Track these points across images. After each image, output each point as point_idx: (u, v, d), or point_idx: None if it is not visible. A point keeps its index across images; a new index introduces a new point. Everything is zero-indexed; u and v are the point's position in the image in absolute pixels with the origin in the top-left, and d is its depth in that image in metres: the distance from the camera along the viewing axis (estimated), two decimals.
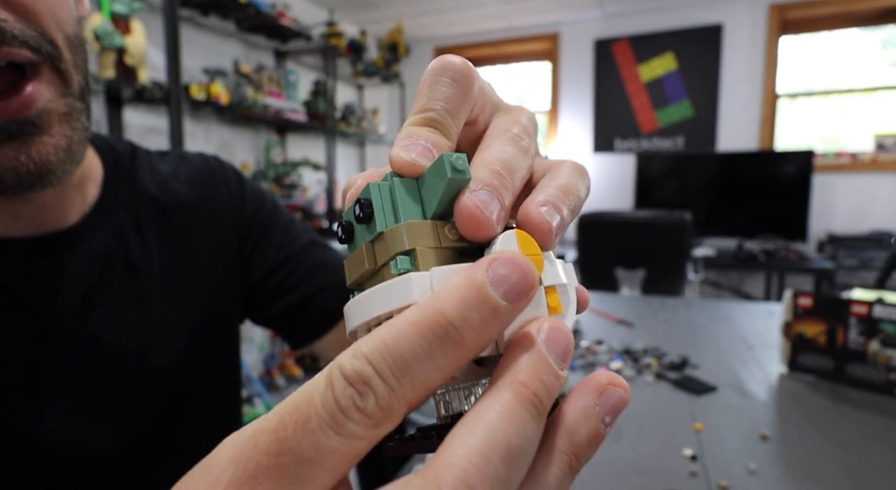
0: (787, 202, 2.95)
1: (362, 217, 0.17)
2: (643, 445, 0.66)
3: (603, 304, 1.48)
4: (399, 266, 0.16)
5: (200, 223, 0.53)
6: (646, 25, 3.45)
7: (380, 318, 0.16)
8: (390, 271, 0.16)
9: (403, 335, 0.13)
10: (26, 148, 0.32)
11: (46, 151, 0.33)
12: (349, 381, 0.13)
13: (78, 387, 0.42)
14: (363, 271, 0.17)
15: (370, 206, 0.17)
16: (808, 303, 0.90)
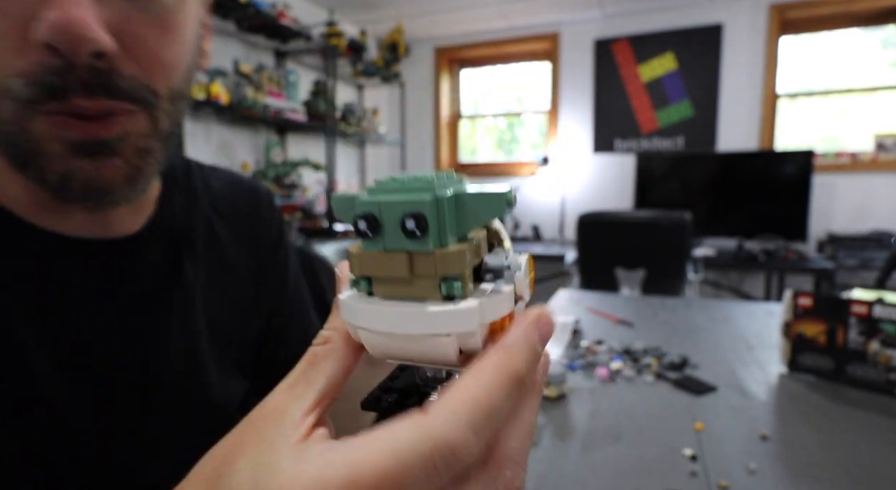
0: (787, 202, 2.95)
1: (416, 232, 0.17)
2: (643, 445, 0.66)
3: (603, 304, 1.48)
4: (450, 290, 0.18)
5: (243, 253, 0.54)
6: (646, 25, 3.45)
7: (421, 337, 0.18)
8: (432, 289, 0.18)
9: (497, 398, 0.16)
10: (99, 166, 0.34)
11: (114, 174, 0.35)
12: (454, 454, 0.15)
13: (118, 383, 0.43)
14: (390, 275, 0.18)
15: (426, 221, 0.17)
16: (808, 303, 0.90)
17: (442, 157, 4.15)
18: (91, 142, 0.33)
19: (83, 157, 0.34)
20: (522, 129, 4.15)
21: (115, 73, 0.32)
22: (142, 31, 0.33)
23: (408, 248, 0.18)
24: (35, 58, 0.30)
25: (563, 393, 0.82)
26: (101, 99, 0.32)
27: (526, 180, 3.61)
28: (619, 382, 0.88)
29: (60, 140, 0.33)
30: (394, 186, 0.18)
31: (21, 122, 0.32)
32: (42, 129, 0.32)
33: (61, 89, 0.31)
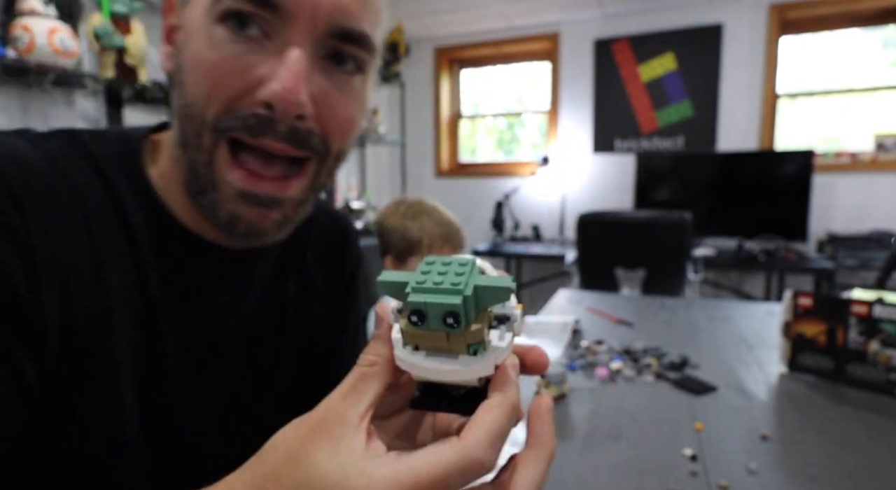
0: (787, 202, 2.95)
1: (453, 324, 0.25)
2: (643, 445, 0.66)
3: (603, 304, 1.48)
4: (474, 350, 0.27)
5: (325, 279, 0.60)
6: (646, 25, 3.45)
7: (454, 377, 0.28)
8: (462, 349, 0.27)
9: (504, 424, 0.25)
10: (263, 216, 0.41)
11: (271, 224, 0.42)
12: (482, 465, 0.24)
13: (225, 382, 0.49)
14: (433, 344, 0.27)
15: (459, 317, 0.25)
16: (808, 303, 0.90)
17: (442, 157, 4.15)
18: (264, 197, 0.41)
19: (253, 206, 0.41)
20: (522, 129, 4.15)
21: (306, 130, 0.40)
22: (333, 103, 0.41)
23: (445, 330, 0.26)
24: (250, 107, 0.38)
25: (563, 393, 0.82)
26: (288, 146, 0.40)
27: (526, 180, 3.61)
28: (619, 382, 0.88)
29: (232, 186, 0.40)
30: (431, 286, 0.26)
31: (211, 149, 0.39)
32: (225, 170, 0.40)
33: (258, 131, 0.39)
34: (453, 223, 1.20)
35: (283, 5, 0.37)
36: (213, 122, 0.39)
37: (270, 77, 0.38)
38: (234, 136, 0.39)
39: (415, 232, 1.16)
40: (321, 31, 0.39)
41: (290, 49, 0.38)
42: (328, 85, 0.41)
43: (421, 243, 1.15)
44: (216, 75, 0.38)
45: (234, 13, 0.37)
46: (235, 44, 0.38)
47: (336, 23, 0.39)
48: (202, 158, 0.40)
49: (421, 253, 1.16)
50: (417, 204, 1.21)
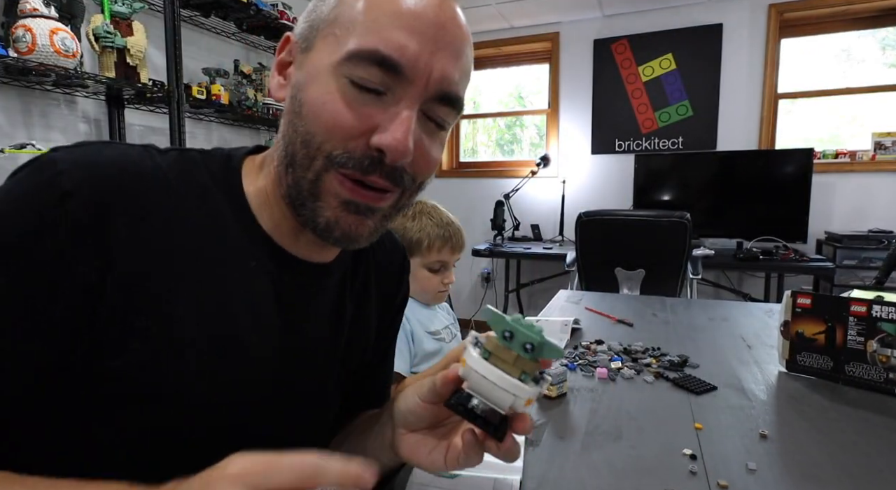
0: (786, 202, 2.95)
1: (528, 350, 0.38)
2: (643, 445, 0.66)
3: (602, 304, 1.48)
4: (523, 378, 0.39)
5: (378, 300, 0.66)
6: (645, 25, 3.45)
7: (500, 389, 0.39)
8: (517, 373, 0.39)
9: None
10: (358, 222, 0.48)
11: (364, 230, 0.49)
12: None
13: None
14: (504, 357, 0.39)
15: (534, 347, 0.38)
16: (808, 302, 0.90)
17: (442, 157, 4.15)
18: (363, 205, 0.48)
19: (351, 213, 0.48)
20: (522, 129, 4.16)
21: (404, 171, 0.48)
22: (425, 150, 0.49)
23: (520, 353, 0.38)
24: (364, 149, 0.45)
25: (562, 392, 0.82)
26: (389, 182, 0.47)
27: (526, 180, 3.61)
28: (619, 382, 0.89)
29: (338, 196, 0.47)
30: (525, 326, 0.38)
31: (320, 172, 0.46)
32: (330, 183, 0.46)
33: (369, 170, 0.46)
34: (454, 224, 1.20)
35: (406, 73, 0.44)
36: (327, 153, 0.45)
37: (386, 128, 0.45)
38: (344, 172, 0.46)
39: (415, 233, 1.15)
40: (430, 96, 0.46)
41: (404, 108, 0.45)
42: (423, 135, 0.48)
43: (421, 244, 1.15)
44: (338, 118, 0.45)
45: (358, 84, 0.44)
46: (359, 95, 0.45)
47: (441, 89, 0.47)
48: (309, 176, 0.47)
49: (421, 254, 1.16)
50: (418, 204, 1.20)
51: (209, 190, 0.50)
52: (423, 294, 1.20)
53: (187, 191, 0.48)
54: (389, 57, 0.43)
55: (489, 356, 0.39)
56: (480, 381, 0.38)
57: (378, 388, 0.72)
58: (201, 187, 0.50)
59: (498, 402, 0.39)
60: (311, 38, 0.47)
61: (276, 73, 0.51)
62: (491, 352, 0.39)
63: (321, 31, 0.47)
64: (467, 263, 3.91)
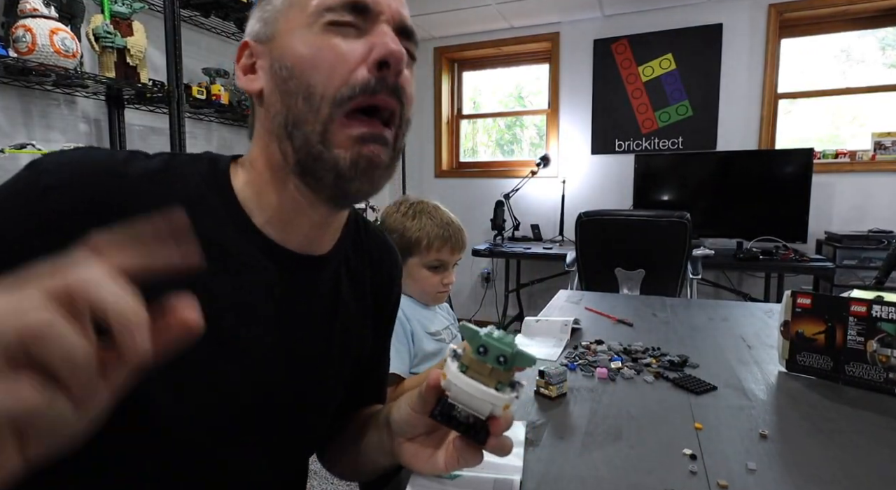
0: (786, 202, 2.95)
1: (503, 363, 0.42)
2: (643, 445, 0.66)
3: (602, 304, 1.48)
4: (500, 388, 0.43)
5: (371, 297, 0.67)
6: (645, 25, 3.45)
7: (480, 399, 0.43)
8: (494, 384, 0.43)
9: None
10: (376, 150, 0.50)
11: (382, 158, 0.51)
12: None
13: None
14: (481, 371, 0.43)
15: (507, 360, 0.42)
16: (807, 302, 0.90)
17: (442, 157, 4.15)
18: (376, 134, 0.50)
19: (369, 143, 0.50)
20: (522, 129, 4.16)
21: (403, 90, 0.51)
22: (406, 75, 0.52)
23: (494, 366, 0.42)
24: (364, 75, 0.48)
25: (562, 392, 0.82)
26: (395, 100, 0.50)
27: (526, 180, 3.61)
28: (619, 382, 0.89)
29: (349, 135, 0.49)
30: (497, 338, 0.42)
31: (326, 120, 0.48)
32: (338, 127, 0.48)
33: (376, 89, 0.49)
34: (454, 223, 1.19)
35: (372, 8, 0.49)
36: (332, 95, 0.48)
37: (376, 45, 0.49)
38: (352, 106, 0.48)
39: (414, 232, 1.15)
40: (395, 25, 0.51)
41: (382, 27, 0.49)
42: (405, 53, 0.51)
43: (420, 243, 1.14)
44: (334, 55, 0.48)
45: (338, 23, 0.48)
46: (342, 38, 0.49)
47: (402, 21, 0.52)
48: (318, 128, 0.49)
49: (420, 253, 1.15)
50: (419, 203, 1.20)
51: (199, 188, 0.52)
52: (422, 294, 1.20)
53: (175, 190, 0.50)
54: (356, 1, 0.48)
55: (466, 369, 0.42)
56: (460, 392, 0.42)
57: (375, 385, 0.74)
58: (190, 187, 0.51)
59: (477, 410, 0.43)
60: (271, 26, 0.51)
61: (242, 75, 0.54)
62: (468, 365, 0.42)
63: (281, 14, 0.51)
64: (467, 263, 3.91)
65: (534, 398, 0.81)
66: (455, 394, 0.43)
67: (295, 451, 0.62)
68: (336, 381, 0.63)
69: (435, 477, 0.59)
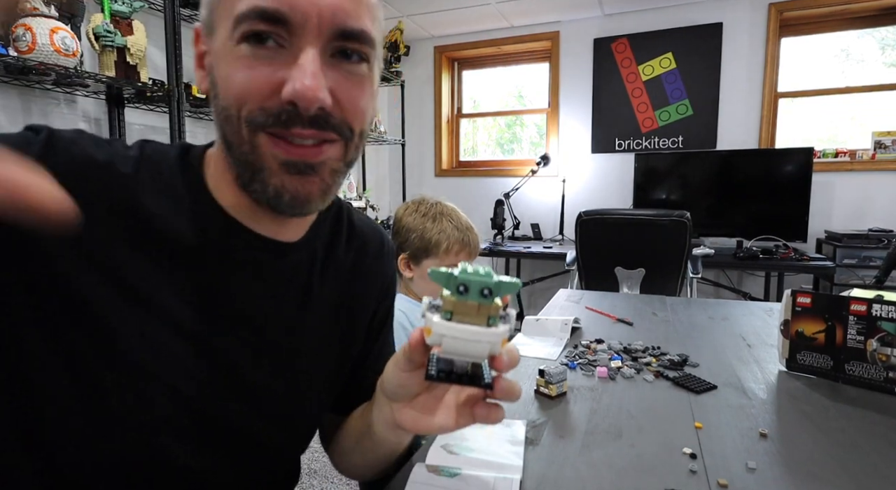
0: (786, 201, 2.95)
1: (488, 296, 0.38)
2: (643, 444, 0.66)
3: (602, 303, 1.48)
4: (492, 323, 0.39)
5: (358, 286, 0.65)
6: (645, 24, 3.45)
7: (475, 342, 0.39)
8: (484, 321, 0.38)
9: None
10: (305, 183, 0.47)
11: (313, 190, 0.48)
12: None
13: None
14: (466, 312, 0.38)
15: (492, 291, 0.38)
16: (807, 301, 0.90)
17: (442, 156, 4.15)
18: (300, 163, 0.46)
19: (293, 174, 0.47)
20: (522, 129, 4.15)
21: (329, 116, 0.46)
22: (347, 91, 0.47)
23: (479, 302, 0.38)
24: (278, 104, 0.44)
25: (562, 392, 0.82)
26: (314, 130, 0.46)
27: (526, 179, 3.61)
28: (619, 381, 0.89)
29: (276, 157, 0.46)
30: (473, 272, 0.38)
31: (251, 140, 0.46)
32: (265, 147, 0.46)
33: (288, 122, 0.45)
34: (472, 229, 1.18)
35: (291, 19, 0.43)
36: (247, 118, 0.45)
37: (290, 79, 0.44)
38: (269, 131, 0.45)
39: (434, 234, 1.13)
40: (326, 35, 0.45)
41: (303, 53, 0.44)
42: (340, 77, 0.47)
43: (439, 246, 1.13)
44: (245, 84, 0.45)
45: (252, 34, 0.44)
46: (256, 57, 0.44)
47: (337, 25, 0.45)
48: (246, 149, 0.46)
49: (438, 256, 1.14)
50: (439, 205, 1.19)
51: (170, 173, 0.52)
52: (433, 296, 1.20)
53: (146, 178, 0.49)
54: (268, 9, 0.43)
55: (451, 316, 0.38)
56: (452, 342, 0.38)
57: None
58: (162, 173, 0.51)
59: (476, 355, 0.39)
60: (212, 20, 0.48)
61: (197, 67, 0.52)
62: (451, 311, 0.38)
63: (216, 9, 0.47)
64: None
65: (534, 397, 0.81)
66: (447, 346, 0.39)
67: (275, 451, 0.59)
68: (313, 376, 0.60)
69: (433, 475, 0.59)
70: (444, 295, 0.39)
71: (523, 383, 0.86)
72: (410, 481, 0.58)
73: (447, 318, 0.38)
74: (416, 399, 0.49)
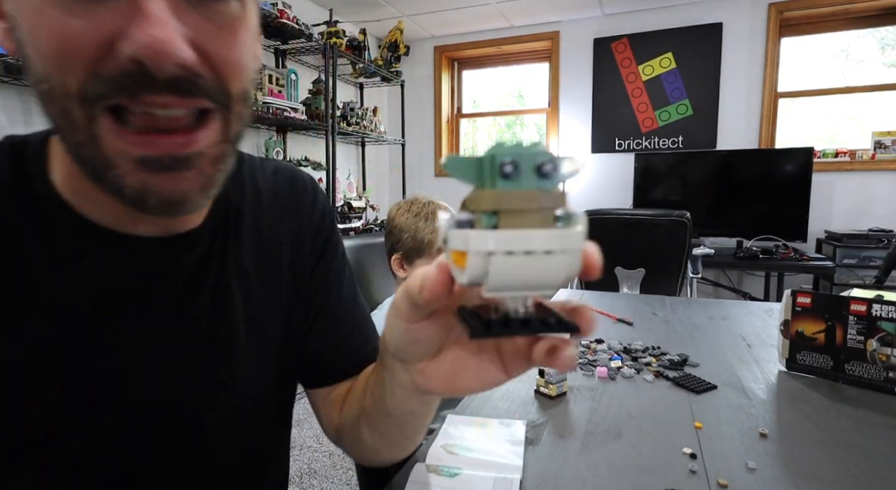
0: (786, 201, 2.95)
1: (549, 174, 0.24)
2: (643, 444, 0.66)
3: (602, 303, 1.48)
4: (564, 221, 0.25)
5: (287, 243, 0.56)
6: (645, 24, 3.45)
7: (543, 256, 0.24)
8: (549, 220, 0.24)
9: None
10: (175, 180, 0.36)
11: (188, 187, 0.37)
12: None
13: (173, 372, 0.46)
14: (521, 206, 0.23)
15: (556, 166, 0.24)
16: (807, 301, 0.90)
17: (442, 156, 4.15)
18: (166, 158, 0.35)
19: (158, 172, 0.35)
20: (522, 128, 4.16)
21: (196, 77, 0.34)
22: (215, 39, 0.35)
23: (536, 187, 0.23)
24: (117, 66, 0.32)
25: (562, 392, 0.82)
26: (175, 97, 0.34)
27: None
28: (619, 381, 0.89)
29: (127, 155, 0.35)
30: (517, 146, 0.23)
31: (88, 127, 0.34)
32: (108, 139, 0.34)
33: (135, 89, 0.33)
34: None
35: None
36: (77, 93, 0.33)
37: (129, 28, 0.31)
38: (113, 103, 0.33)
39: (427, 234, 1.13)
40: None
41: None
42: (203, 23, 0.35)
43: (432, 246, 1.13)
44: (64, 37, 0.31)
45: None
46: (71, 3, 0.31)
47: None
48: (82, 138, 0.34)
49: (431, 255, 1.14)
50: (430, 204, 1.19)
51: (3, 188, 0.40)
52: None
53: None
54: None
55: (497, 221, 0.24)
56: (508, 264, 0.23)
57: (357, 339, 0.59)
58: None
59: (549, 279, 0.24)
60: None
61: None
62: (497, 213, 0.23)
63: None
64: None
65: (534, 397, 0.81)
66: (499, 275, 0.23)
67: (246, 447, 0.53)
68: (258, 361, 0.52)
69: (433, 475, 0.59)
70: (478, 195, 0.24)
71: (523, 384, 0.86)
72: (410, 481, 0.58)
73: (490, 224, 0.24)
74: (440, 354, 0.34)
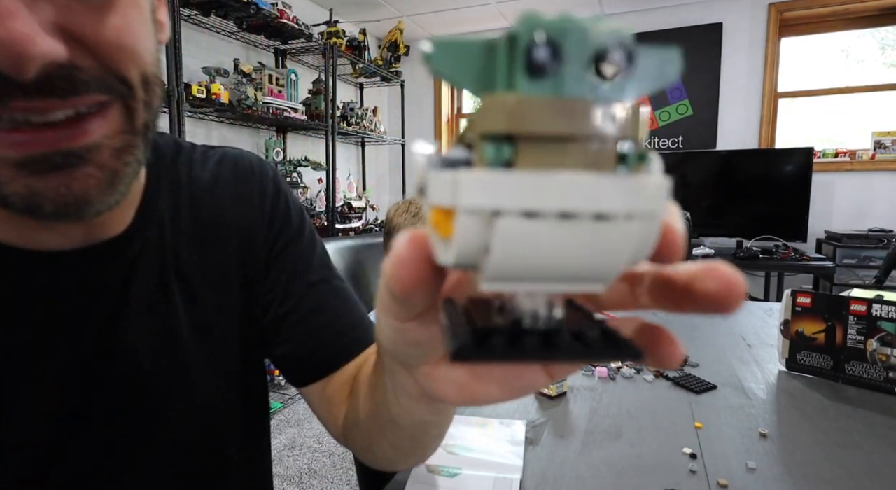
0: (786, 201, 2.95)
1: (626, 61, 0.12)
2: (643, 444, 0.66)
3: None
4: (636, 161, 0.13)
5: (234, 236, 0.51)
6: (645, 24, 3.45)
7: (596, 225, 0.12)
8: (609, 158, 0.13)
9: None
10: (69, 180, 0.31)
11: (88, 185, 0.32)
12: None
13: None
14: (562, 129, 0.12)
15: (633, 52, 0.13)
16: (807, 301, 0.90)
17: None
18: (51, 156, 0.30)
19: (46, 173, 0.30)
20: None
21: (75, 71, 0.29)
22: (89, 21, 0.29)
23: (597, 94, 0.12)
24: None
25: (562, 392, 0.82)
26: (54, 99, 0.29)
27: None
28: (619, 381, 0.89)
29: (4, 161, 0.30)
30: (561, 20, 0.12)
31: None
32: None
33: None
34: None
35: None
36: None
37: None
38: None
39: None
40: None
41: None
42: (71, 3, 0.29)
43: None
44: None
45: None
46: None
47: None
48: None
49: None
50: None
51: None
52: None
53: None
54: None
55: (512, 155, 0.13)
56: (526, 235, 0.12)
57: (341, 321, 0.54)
58: None
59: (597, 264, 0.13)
60: None
61: None
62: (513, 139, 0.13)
63: None
64: None
65: (534, 397, 0.81)
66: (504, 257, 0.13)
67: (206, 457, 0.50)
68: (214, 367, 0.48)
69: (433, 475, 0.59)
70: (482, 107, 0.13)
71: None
72: (410, 481, 0.58)
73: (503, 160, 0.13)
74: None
